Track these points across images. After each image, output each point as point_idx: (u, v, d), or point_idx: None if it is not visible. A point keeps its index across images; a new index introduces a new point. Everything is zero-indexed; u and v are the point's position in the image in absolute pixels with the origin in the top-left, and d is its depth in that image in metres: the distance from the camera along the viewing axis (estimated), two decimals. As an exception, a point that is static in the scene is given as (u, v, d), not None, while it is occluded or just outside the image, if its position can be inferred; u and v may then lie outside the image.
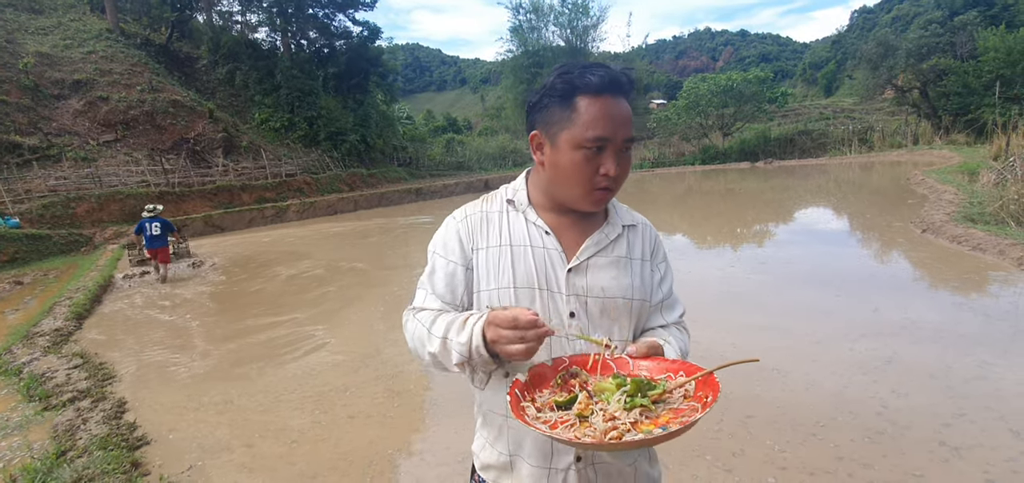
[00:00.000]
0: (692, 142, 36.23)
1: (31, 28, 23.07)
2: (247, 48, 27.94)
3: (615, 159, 0.94)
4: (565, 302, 0.98)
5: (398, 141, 36.06)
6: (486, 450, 1.07)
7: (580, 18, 39.25)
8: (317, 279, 8.65)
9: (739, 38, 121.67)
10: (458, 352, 0.90)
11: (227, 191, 20.38)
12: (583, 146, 0.93)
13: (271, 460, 3.15)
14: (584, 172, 0.94)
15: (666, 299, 1.10)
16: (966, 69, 27.25)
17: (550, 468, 0.99)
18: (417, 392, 3.99)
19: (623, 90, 0.94)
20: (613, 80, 0.93)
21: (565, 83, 0.94)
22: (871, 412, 3.10)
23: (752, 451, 2.81)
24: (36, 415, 3.96)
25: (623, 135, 0.93)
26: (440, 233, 1.08)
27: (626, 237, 1.06)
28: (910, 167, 19.39)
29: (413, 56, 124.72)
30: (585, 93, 0.92)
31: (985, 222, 7.93)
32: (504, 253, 1.00)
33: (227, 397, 4.14)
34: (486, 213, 1.06)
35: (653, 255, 1.10)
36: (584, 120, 0.92)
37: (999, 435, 2.79)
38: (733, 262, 7.49)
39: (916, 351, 3.92)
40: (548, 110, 0.96)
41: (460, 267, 1.02)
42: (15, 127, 17.93)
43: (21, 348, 5.74)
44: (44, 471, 3.02)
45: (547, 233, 1.01)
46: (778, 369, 3.75)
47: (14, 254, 12.72)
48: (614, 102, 0.93)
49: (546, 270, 0.99)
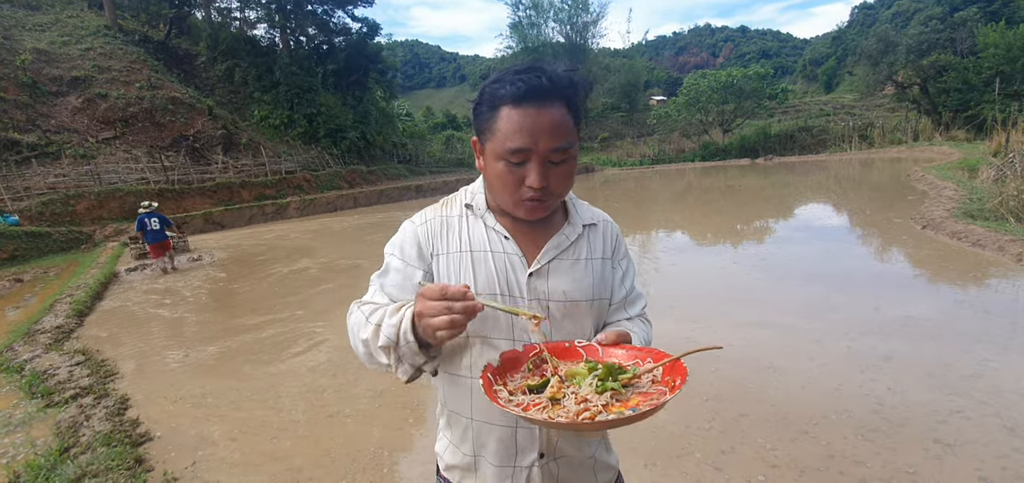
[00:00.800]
0: (692, 139, 36.25)
1: (28, 24, 23.01)
2: (246, 45, 27.89)
3: (540, 170, 0.90)
4: (527, 307, 0.97)
5: (398, 138, 36.05)
6: (450, 451, 1.08)
7: (580, 14, 39.27)
8: (316, 277, 8.66)
9: (739, 34, 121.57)
10: (385, 335, 0.90)
11: (227, 188, 20.37)
12: (503, 157, 0.91)
13: (271, 457, 3.16)
14: (508, 183, 0.93)
15: (629, 295, 1.10)
16: (966, 65, 27.28)
17: (515, 466, 1.00)
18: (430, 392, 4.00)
19: (550, 96, 0.89)
20: (538, 89, 0.88)
21: (491, 92, 0.92)
22: (866, 410, 3.09)
23: (743, 449, 2.81)
24: (39, 412, 3.97)
25: (548, 146, 0.89)
26: (398, 236, 1.06)
27: (586, 237, 1.05)
28: (910, 163, 19.40)
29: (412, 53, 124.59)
30: (505, 103, 0.89)
31: (985, 218, 7.95)
32: (464, 259, 0.99)
33: (228, 394, 4.15)
34: (445, 218, 1.04)
35: (615, 252, 1.09)
36: (503, 131, 0.89)
37: (993, 431, 2.79)
38: (734, 259, 7.50)
39: (915, 348, 3.93)
40: (480, 118, 0.95)
41: (418, 271, 1.01)
42: (13, 124, 17.90)
43: (22, 345, 5.75)
44: (48, 468, 3.03)
45: (506, 238, 1.00)
46: (774, 367, 3.75)
47: (14, 252, 12.72)
48: (537, 112, 0.88)
49: (507, 275, 0.98)
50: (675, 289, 6.29)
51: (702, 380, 3.62)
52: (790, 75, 76.58)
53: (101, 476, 2.92)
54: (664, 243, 9.42)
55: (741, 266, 7.03)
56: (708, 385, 3.53)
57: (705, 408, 3.24)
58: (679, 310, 5.35)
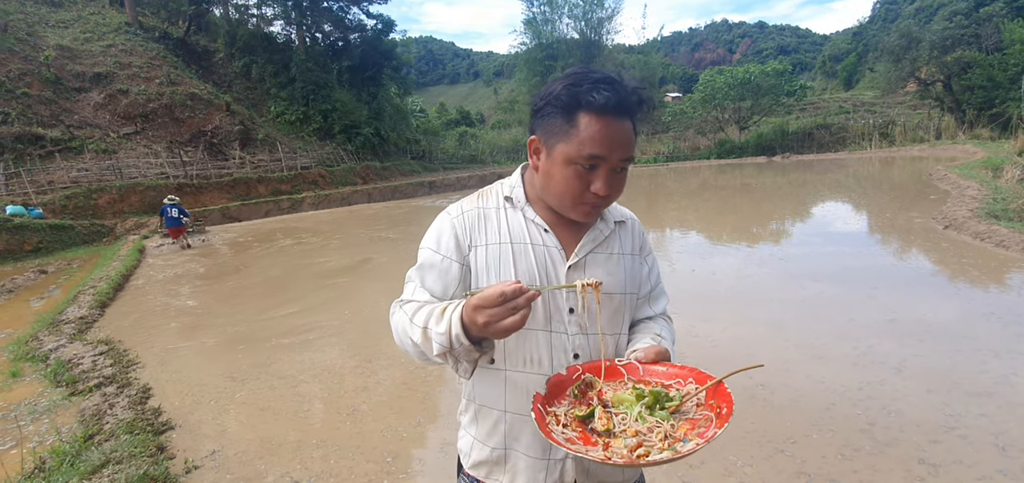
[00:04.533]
0: (708, 136, 35.85)
1: (51, 21, 23.50)
2: (263, 41, 28.22)
3: (607, 179, 0.93)
4: (565, 298, 1.00)
5: (411, 134, 36.18)
6: (476, 448, 1.08)
7: (595, 10, 38.96)
8: (336, 269, 8.75)
9: (757, 30, 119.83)
10: (438, 342, 0.89)
11: (244, 183, 20.65)
12: (576, 162, 0.92)
13: (289, 447, 3.20)
14: (574, 187, 0.94)
15: (653, 290, 1.14)
16: (991, 62, 26.55)
17: (549, 459, 1.01)
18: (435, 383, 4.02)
19: (629, 112, 0.92)
20: (620, 102, 0.90)
21: (570, 95, 0.92)
22: (855, 428, 2.93)
23: (711, 464, 2.70)
24: (63, 400, 4.07)
25: (619, 156, 0.92)
26: (434, 229, 1.06)
27: (617, 234, 1.09)
28: (932, 162, 18.99)
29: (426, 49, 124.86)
30: (588, 110, 0.90)
31: (1009, 218, 7.76)
32: (505, 250, 1.00)
33: (248, 384, 4.21)
34: (482, 210, 1.05)
35: (641, 249, 1.13)
36: (582, 137, 0.90)
37: (985, 451, 2.64)
38: (746, 261, 7.41)
39: (925, 362, 3.69)
40: (549, 118, 0.95)
41: (455, 263, 1.01)
42: (38, 120, 18.33)
43: (47, 335, 5.90)
44: (73, 454, 3.10)
45: (546, 231, 1.02)
46: (765, 385, 3.50)
47: (38, 244, 13.04)
48: (617, 124, 0.91)
49: (547, 267, 1.00)
50: (675, 289, 6.23)
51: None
52: (809, 72, 75.30)
53: (124, 463, 2.98)
54: (676, 242, 9.34)
55: (754, 269, 6.94)
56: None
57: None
58: (677, 311, 5.30)
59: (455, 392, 3.87)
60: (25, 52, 20.06)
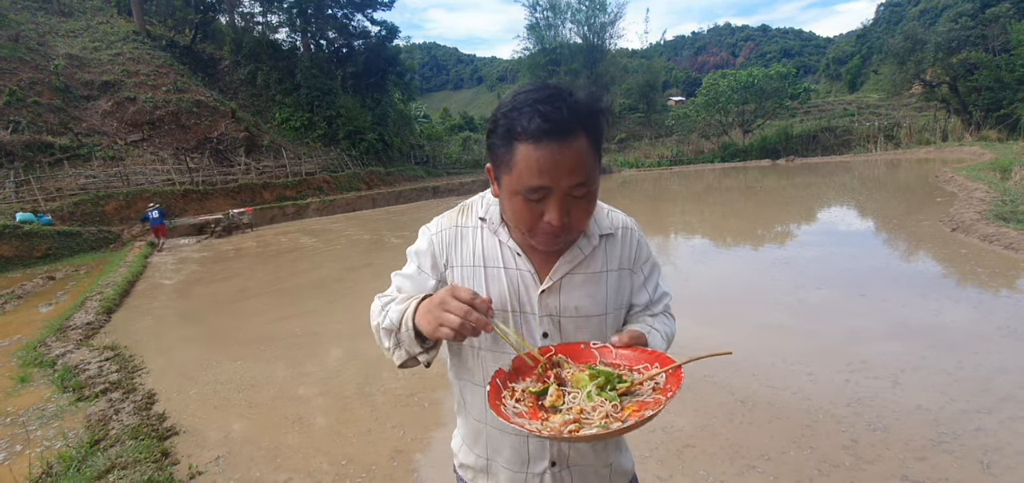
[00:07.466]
0: (711, 139, 35.81)
1: (61, 31, 23.80)
2: (268, 49, 28.48)
3: (560, 208, 0.85)
4: (538, 323, 0.97)
5: (415, 140, 36.36)
6: (464, 450, 1.10)
7: (597, 15, 39.11)
8: (340, 274, 8.78)
9: (760, 33, 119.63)
10: (390, 319, 0.94)
11: (249, 189, 20.79)
12: (520, 194, 0.85)
13: (292, 452, 3.21)
14: (526, 218, 0.88)
15: (652, 296, 1.07)
16: (998, 63, 26.43)
17: (527, 473, 1.01)
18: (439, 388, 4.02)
19: (572, 130, 0.82)
20: (561, 124, 0.81)
21: (507, 122, 0.85)
22: (836, 445, 2.81)
23: (680, 478, 2.65)
24: (70, 405, 4.10)
25: (569, 183, 0.83)
26: (417, 243, 1.07)
27: (602, 249, 1.01)
28: (939, 164, 18.86)
29: (430, 55, 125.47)
30: (525, 140, 0.82)
31: (1018, 220, 7.68)
32: (478, 273, 0.99)
33: (251, 390, 4.23)
34: (460, 228, 1.03)
35: (635, 260, 1.04)
36: (520, 168, 0.83)
37: (969, 468, 2.55)
38: (748, 266, 7.38)
39: (921, 377, 3.51)
40: (494, 149, 0.88)
41: (432, 279, 1.02)
42: (47, 127, 18.55)
43: (55, 341, 5.95)
44: (79, 459, 3.13)
45: (519, 255, 0.98)
46: (745, 401, 3.36)
47: (47, 250, 13.17)
48: (559, 149, 0.81)
49: (519, 291, 0.98)
50: (675, 291, 6.21)
51: (670, 407, 3.55)
52: (813, 74, 75.08)
53: (129, 468, 3.00)
54: (675, 243, 9.32)
55: (756, 273, 6.91)
56: (670, 416, 3.16)
57: (652, 438, 3.00)
58: (677, 311, 5.28)
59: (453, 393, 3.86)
60: (36, 61, 20.33)
